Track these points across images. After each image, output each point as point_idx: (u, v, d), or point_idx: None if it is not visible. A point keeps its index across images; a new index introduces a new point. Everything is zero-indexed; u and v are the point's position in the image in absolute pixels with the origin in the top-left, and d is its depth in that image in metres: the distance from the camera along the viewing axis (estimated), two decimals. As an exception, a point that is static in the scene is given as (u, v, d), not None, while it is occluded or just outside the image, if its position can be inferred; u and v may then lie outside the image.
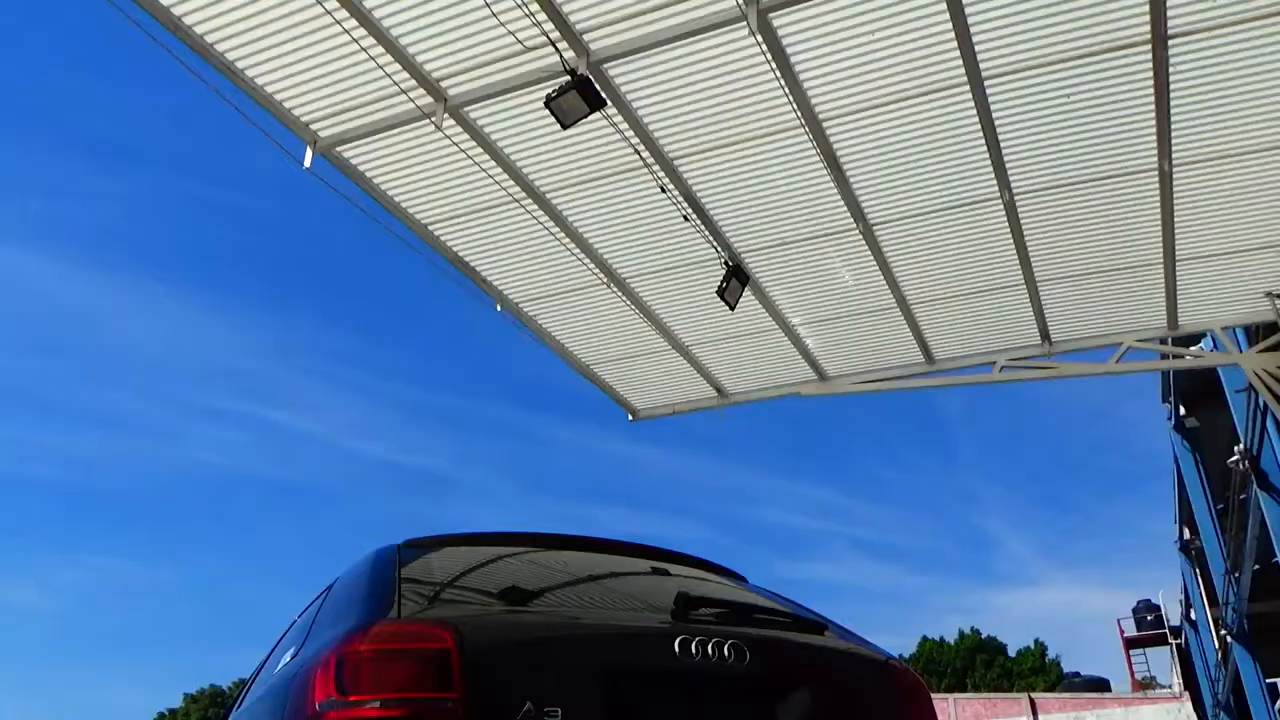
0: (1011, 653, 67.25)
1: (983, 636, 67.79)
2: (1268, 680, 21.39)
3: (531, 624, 2.37)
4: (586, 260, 8.56)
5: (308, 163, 6.94)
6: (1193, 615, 31.63)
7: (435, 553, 2.84)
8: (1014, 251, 8.58)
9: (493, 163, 7.32)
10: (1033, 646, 67.22)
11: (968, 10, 6.16)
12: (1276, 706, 21.20)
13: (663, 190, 7.56)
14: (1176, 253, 8.57)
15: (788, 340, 9.90)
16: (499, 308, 9.15)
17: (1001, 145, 7.33)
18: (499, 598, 2.51)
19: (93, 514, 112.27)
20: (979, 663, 65.79)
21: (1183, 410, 20.84)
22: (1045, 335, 9.87)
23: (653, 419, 11.33)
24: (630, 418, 11.24)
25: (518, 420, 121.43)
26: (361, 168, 7.41)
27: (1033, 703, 49.54)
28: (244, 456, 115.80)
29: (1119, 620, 52.45)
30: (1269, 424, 13.34)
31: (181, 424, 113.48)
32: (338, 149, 7.14)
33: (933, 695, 2.82)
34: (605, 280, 8.82)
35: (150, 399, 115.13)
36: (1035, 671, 64.14)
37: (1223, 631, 23.42)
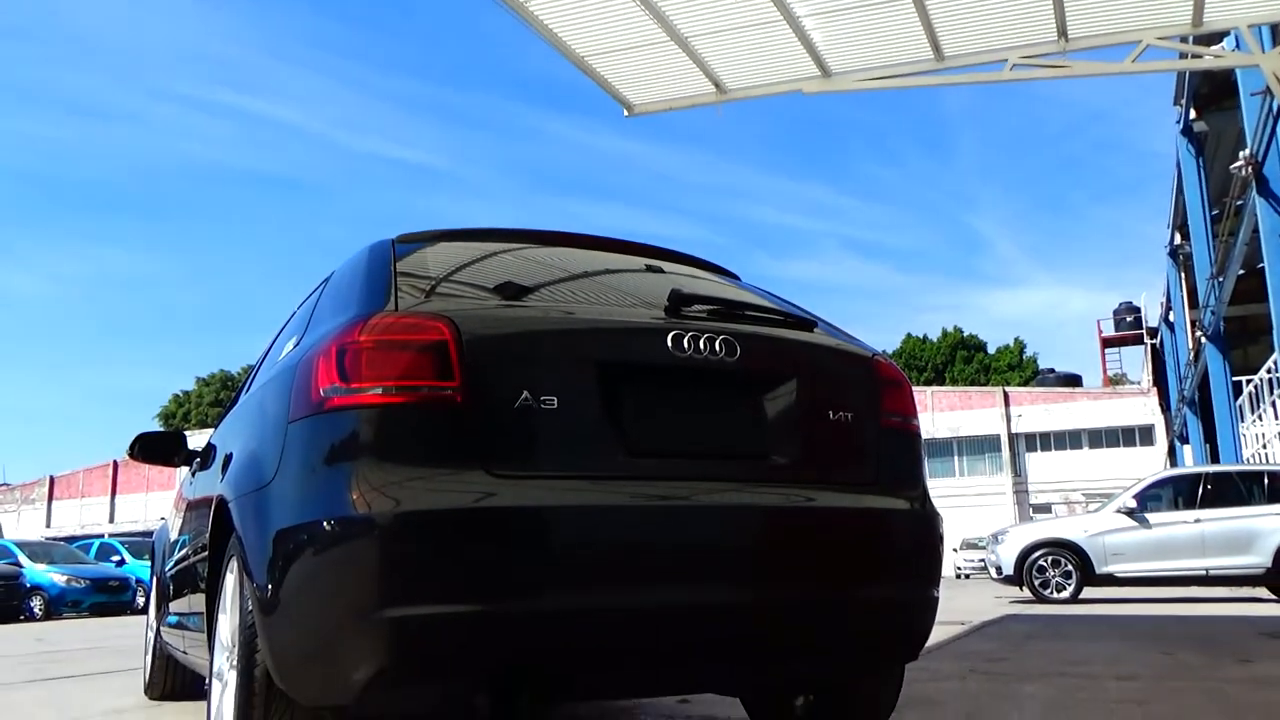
0: (991, 350, 69.88)
1: (964, 335, 70.14)
2: (1233, 378, 22.38)
3: (527, 317, 2.41)
4: (581, -61, 7.96)
5: None
6: (1171, 317, 32.59)
7: (429, 247, 2.85)
8: (1040, -64, 7.99)
9: None
10: (1011, 345, 69.76)
11: None
12: (1239, 401, 22.33)
13: None
14: (1213, -60, 7.98)
15: (791, 32, 9.43)
16: (488, -8, 8.62)
17: None
18: (494, 292, 2.54)
19: (86, 206, 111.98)
20: (958, 359, 68.50)
21: (1193, 114, 20.34)
22: (1062, 31, 9.39)
23: (649, 114, 11.01)
24: (626, 113, 10.92)
25: (512, 114, 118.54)
26: None
27: (1006, 396, 52.20)
28: (231, 148, 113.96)
29: (1098, 321, 54.25)
30: (1279, 129, 13.06)
31: (162, 113, 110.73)
32: None
33: (912, 388, 2.94)
34: (601, -38, 8.25)
35: (126, 86, 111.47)
36: (1012, 368, 66.98)
37: (1198, 333, 24.21)
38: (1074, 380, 55.76)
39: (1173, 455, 42.04)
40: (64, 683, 5.84)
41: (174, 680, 4.79)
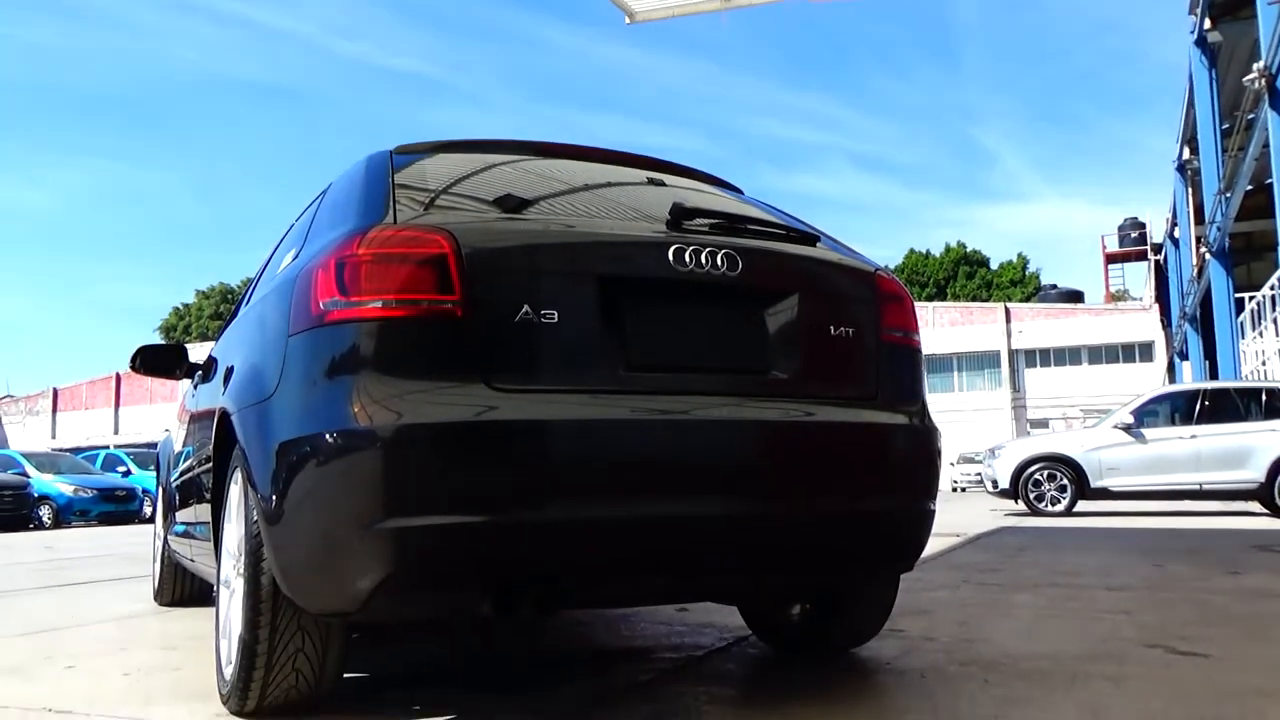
0: (994, 266, 69.60)
1: (967, 250, 69.78)
2: (1236, 295, 22.32)
3: (527, 230, 2.39)
4: None
5: None
6: (1176, 234, 32.36)
7: (428, 159, 2.81)
8: None
9: None
10: (1014, 260, 69.45)
11: None
12: (1240, 318, 22.31)
13: None
14: None
15: (799, -64, 9.16)
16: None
17: None
18: (494, 204, 2.51)
19: (80, 116, 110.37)
20: (961, 274, 68.28)
21: (1207, 24, 19.86)
22: (1077, -64, 9.12)
23: (651, 22, 10.77)
24: (627, 20, 10.68)
25: (511, 22, 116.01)
26: None
27: (1007, 312, 52.15)
28: (227, 56, 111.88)
29: (1102, 237, 53.84)
30: (1295, 40, 12.77)
31: (152, 18, 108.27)
32: None
33: (914, 303, 2.93)
34: None
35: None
36: (1014, 283, 66.81)
37: (1203, 249, 24.07)
38: (1076, 296, 55.60)
39: (1172, 372, 42.15)
40: (75, 589, 5.96)
41: (183, 587, 4.89)
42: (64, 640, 3.84)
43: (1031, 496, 12.89)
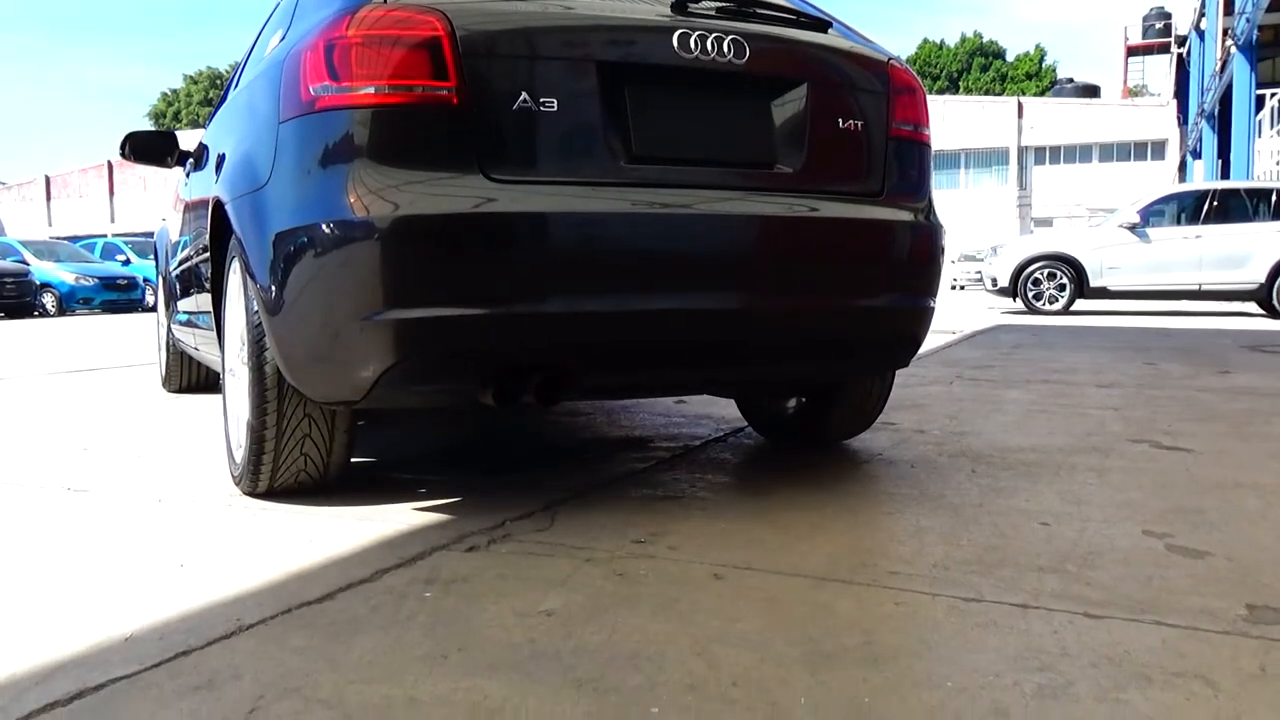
0: (1010, 58, 67.25)
1: (983, 41, 67.23)
2: (1258, 91, 21.66)
3: (524, 12, 2.27)
4: None
5: None
6: (1203, 25, 31.01)
7: (418, -69, 2.64)
8: None
9: None
10: (1031, 52, 67.04)
11: None
12: (1259, 115, 21.75)
13: None
14: None
15: None
16: None
17: None
18: (489, -16, 2.38)
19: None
20: (975, 66, 66.11)
21: None
22: None
23: None
24: None
25: None
26: None
27: (1020, 106, 50.75)
28: None
29: (1125, 27, 51.67)
30: None
31: None
32: None
33: (926, 96, 2.83)
34: None
35: None
36: (1030, 77, 64.81)
37: (1228, 42, 23.13)
38: (1092, 91, 53.93)
39: (1183, 171, 41.46)
40: (85, 375, 6.08)
41: (189, 375, 4.98)
42: (77, 424, 3.95)
43: (1030, 295, 12.95)
